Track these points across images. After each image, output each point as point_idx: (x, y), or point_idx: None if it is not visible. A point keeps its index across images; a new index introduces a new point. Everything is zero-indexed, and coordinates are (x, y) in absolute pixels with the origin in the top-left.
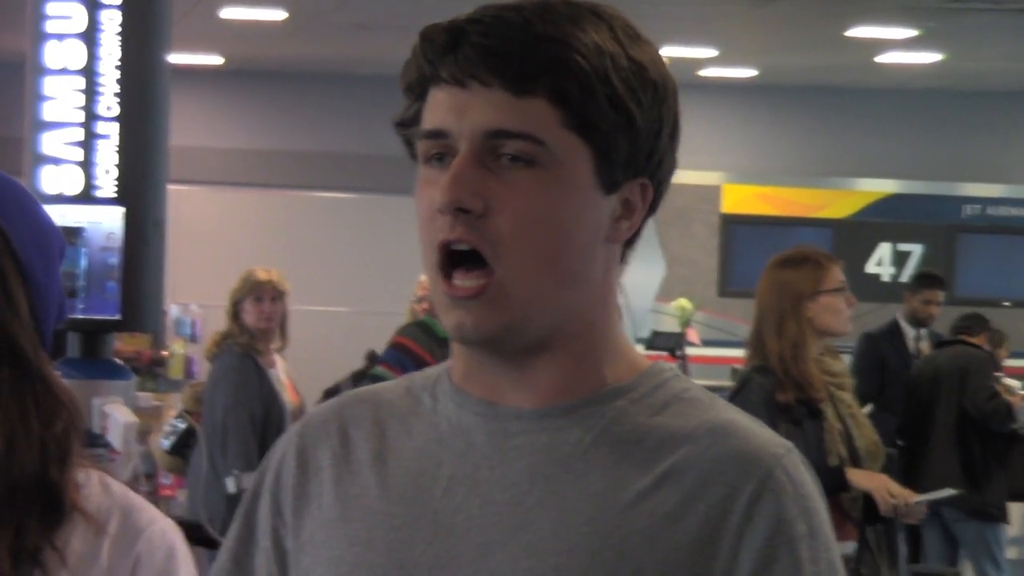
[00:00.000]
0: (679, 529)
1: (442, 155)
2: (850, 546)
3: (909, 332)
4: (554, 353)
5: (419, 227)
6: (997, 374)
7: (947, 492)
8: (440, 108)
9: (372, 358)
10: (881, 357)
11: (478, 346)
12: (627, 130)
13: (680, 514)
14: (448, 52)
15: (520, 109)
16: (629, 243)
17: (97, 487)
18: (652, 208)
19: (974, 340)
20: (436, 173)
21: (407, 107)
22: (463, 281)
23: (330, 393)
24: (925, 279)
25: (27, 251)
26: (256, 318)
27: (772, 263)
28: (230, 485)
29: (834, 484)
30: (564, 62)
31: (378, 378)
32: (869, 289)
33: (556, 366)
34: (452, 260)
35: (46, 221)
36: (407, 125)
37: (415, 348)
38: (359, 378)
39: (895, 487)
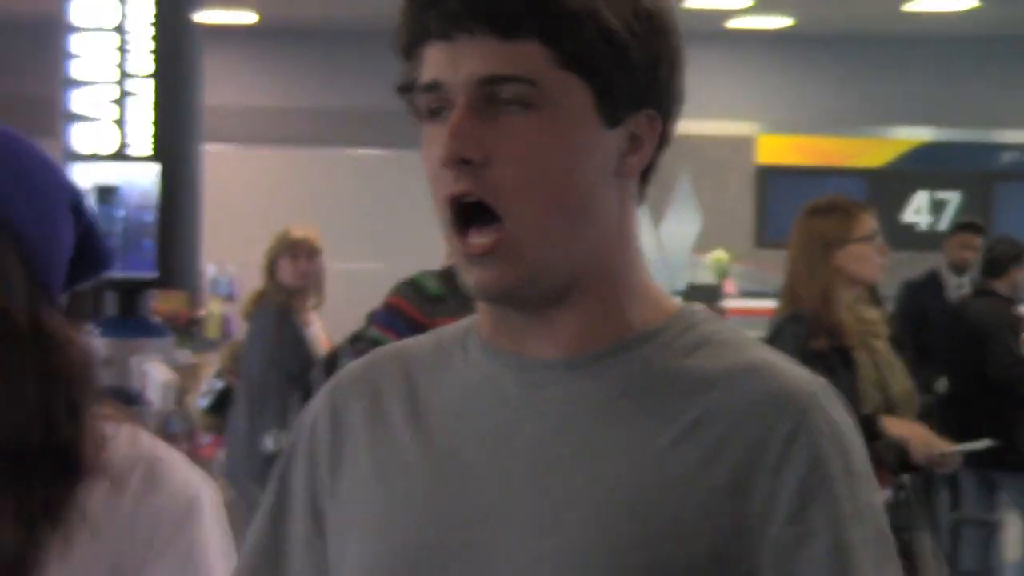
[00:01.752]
0: (715, 473)
1: (442, 109)
2: (887, 494)
3: (951, 280)
4: (576, 299)
5: (429, 185)
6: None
7: (983, 443)
8: (433, 63)
9: (369, 319)
10: (921, 306)
11: (500, 301)
12: (623, 62)
13: (714, 458)
14: (432, 7)
15: (510, 53)
16: (644, 180)
17: (125, 441)
18: (663, 141)
19: (1000, 283)
20: (438, 129)
21: (406, 71)
22: (477, 238)
23: (330, 358)
24: (962, 224)
25: (18, 209)
26: (292, 276)
27: (803, 212)
28: (268, 443)
29: (868, 432)
30: (549, 1)
31: (373, 340)
32: (906, 238)
33: (580, 313)
34: (465, 216)
35: (42, 173)
36: (408, 89)
37: (406, 308)
38: (356, 340)
39: (930, 436)
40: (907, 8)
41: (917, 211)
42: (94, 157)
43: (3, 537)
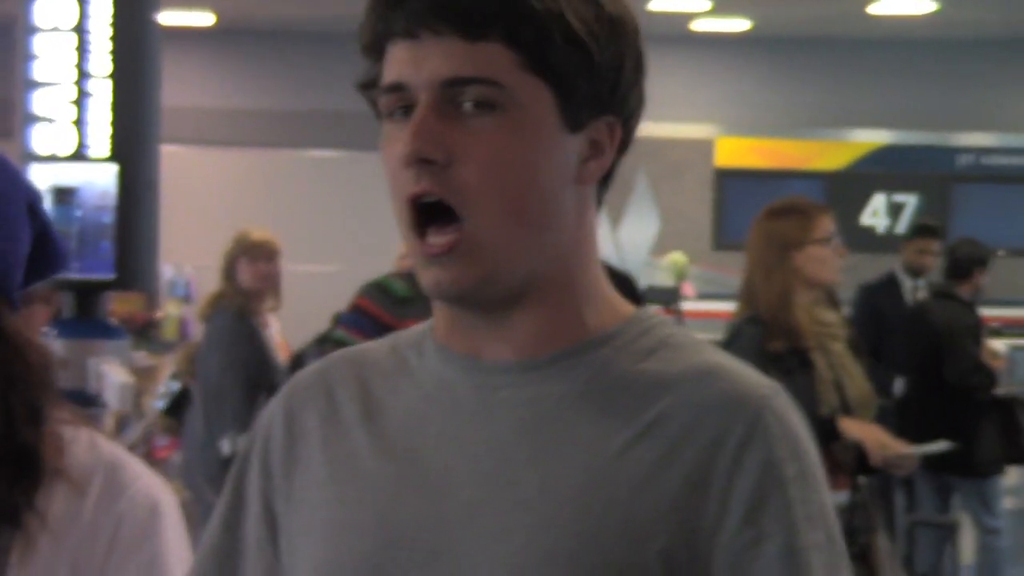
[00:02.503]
0: (668, 476)
1: (406, 108)
2: (843, 496)
3: (906, 283)
4: (533, 302)
5: (388, 185)
6: (985, 325)
7: (940, 445)
8: (397, 62)
9: (336, 321)
10: (877, 308)
11: (457, 301)
12: (586, 67)
13: (668, 461)
14: (398, 6)
15: (475, 54)
16: (603, 185)
17: (84, 445)
18: (623, 147)
19: (963, 287)
20: (400, 128)
21: (368, 69)
22: (436, 238)
23: (295, 359)
24: (919, 228)
25: None
26: (251, 278)
27: (761, 214)
28: (225, 447)
29: (826, 434)
30: (515, 4)
31: (339, 341)
32: (864, 241)
33: (536, 315)
34: (424, 216)
35: (5, 171)
36: (370, 87)
37: (373, 309)
38: (322, 341)
39: (887, 438)
40: (866, 11)
41: (875, 214)
42: (52, 158)
43: None
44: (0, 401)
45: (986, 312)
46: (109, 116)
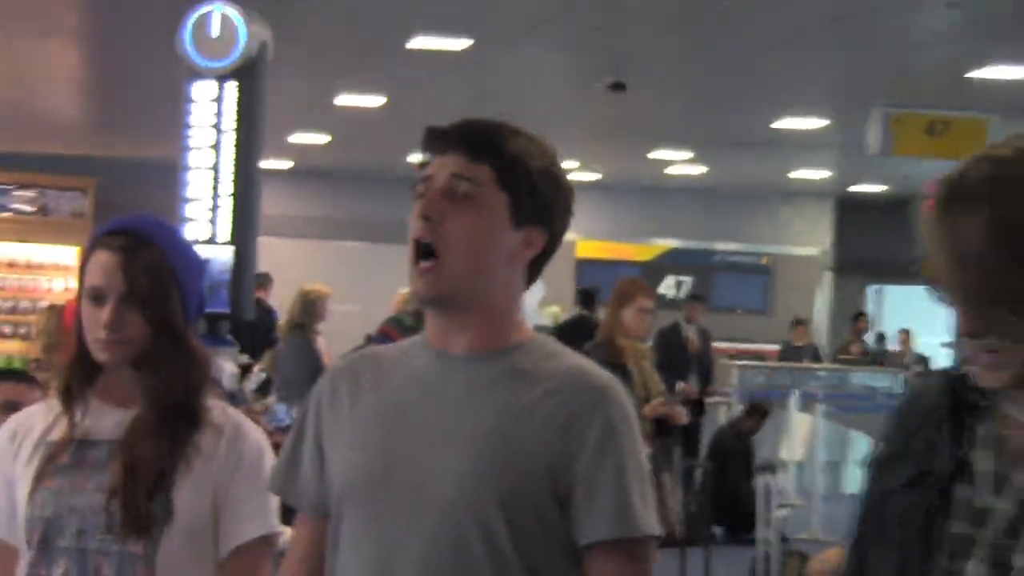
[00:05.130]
0: (550, 427)
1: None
2: (648, 450)
3: (685, 328)
4: (479, 319)
5: (410, 230)
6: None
7: (679, 388)
8: (432, 165)
9: (368, 339)
10: (668, 342)
11: (431, 304)
12: (533, 193)
13: (551, 418)
14: (438, 140)
15: (472, 167)
16: (532, 269)
17: (219, 410)
18: (548, 250)
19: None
20: (420, 202)
21: (419, 168)
22: (423, 263)
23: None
24: (691, 298)
25: (180, 271)
26: (325, 312)
27: (619, 284)
28: (296, 413)
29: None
30: (500, 149)
31: None
32: (660, 303)
33: (480, 327)
34: (420, 252)
35: (191, 252)
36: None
37: (392, 333)
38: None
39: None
40: (664, 172)
41: (668, 287)
42: (195, 242)
43: (163, 458)
44: (187, 379)
45: (728, 345)
46: (230, 218)
